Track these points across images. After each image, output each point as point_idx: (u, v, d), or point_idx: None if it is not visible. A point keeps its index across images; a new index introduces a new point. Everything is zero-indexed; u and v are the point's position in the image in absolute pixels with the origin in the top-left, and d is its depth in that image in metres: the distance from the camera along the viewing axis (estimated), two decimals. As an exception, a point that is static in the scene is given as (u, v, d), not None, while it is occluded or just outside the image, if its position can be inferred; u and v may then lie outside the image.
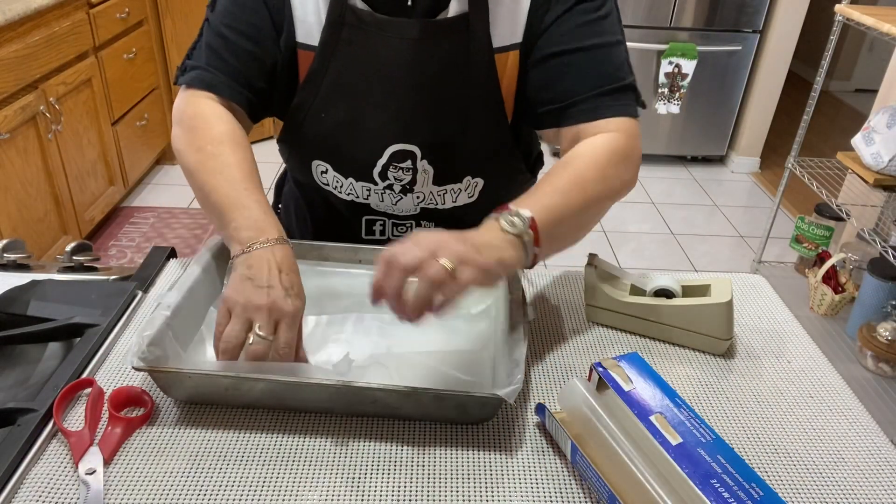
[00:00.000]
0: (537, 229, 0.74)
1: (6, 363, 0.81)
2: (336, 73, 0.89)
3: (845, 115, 4.71)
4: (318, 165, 0.96)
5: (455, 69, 0.88)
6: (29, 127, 2.21)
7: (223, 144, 0.83)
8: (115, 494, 0.62)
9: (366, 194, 0.97)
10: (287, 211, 1.15)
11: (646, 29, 3.38)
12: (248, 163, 0.83)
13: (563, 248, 0.82)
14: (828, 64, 2.30)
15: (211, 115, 0.86)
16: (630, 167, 0.87)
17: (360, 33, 0.86)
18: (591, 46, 0.86)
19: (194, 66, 0.89)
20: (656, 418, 0.62)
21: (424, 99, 0.89)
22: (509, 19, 0.87)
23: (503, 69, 0.90)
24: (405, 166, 0.93)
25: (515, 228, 0.71)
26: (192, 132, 0.85)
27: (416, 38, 0.85)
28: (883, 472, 0.69)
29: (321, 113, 0.91)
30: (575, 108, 0.87)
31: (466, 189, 0.98)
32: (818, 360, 0.85)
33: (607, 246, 3.00)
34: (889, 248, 1.97)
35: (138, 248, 2.77)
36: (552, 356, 0.83)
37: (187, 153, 0.85)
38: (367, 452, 0.68)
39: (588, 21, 0.86)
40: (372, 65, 0.88)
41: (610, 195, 0.85)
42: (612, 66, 0.87)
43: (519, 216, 0.72)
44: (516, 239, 0.72)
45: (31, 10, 2.13)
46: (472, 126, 0.92)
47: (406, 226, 1.02)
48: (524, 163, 1.04)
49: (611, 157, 0.84)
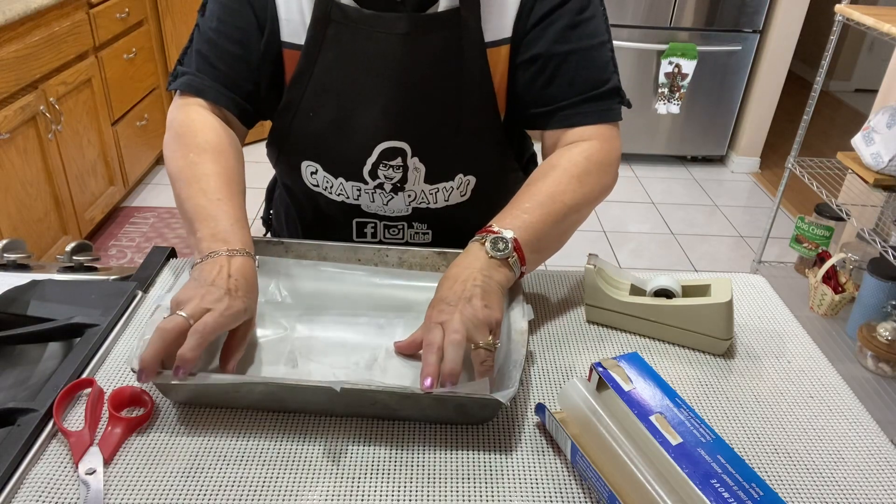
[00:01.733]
0: (521, 249, 0.79)
1: (6, 363, 0.81)
2: (323, 71, 0.88)
3: (845, 115, 4.71)
4: (308, 166, 0.96)
5: (447, 64, 0.88)
6: (29, 127, 2.21)
7: (205, 153, 0.83)
8: (115, 494, 0.62)
9: (356, 194, 0.97)
10: (278, 217, 1.14)
11: (646, 29, 3.37)
12: (229, 172, 0.83)
13: (547, 258, 0.86)
14: (828, 64, 2.31)
15: (198, 122, 0.86)
16: (608, 172, 0.89)
17: (347, 30, 0.86)
18: (576, 50, 0.87)
19: (185, 71, 0.90)
20: (656, 418, 0.62)
21: (415, 95, 0.89)
22: (499, 13, 0.88)
23: (495, 64, 0.90)
24: (395, 164, 0.93)
25: (501, 253, 0.77)
26: (178, 140, 0.86)
27: (406, 32, 0.85)
28: (883, 472, 0.69)
29: (309, 112, 0.91)
30: (558, 114, 0.90)
31: (459, 187, 0.98)
32: (818, 360, 0.85)
33: (607, 246, 3.00)
34: (889, 248, 1.97)
35: (138, 248, 2.77)
36: (552, 356, 0.83)
37: (171, 161, 0.85)
38: (367, 453, 0.68)
39: (574, 23, 0.87)
40: (360, 61, 0.87)
41: (589, 202, 0.88)
42: (596, 70, 0.89)
43: (503, 240, 0.78)
44: (503, 262, 0.78)
45: (31, 10, 2.13)
46: (465, 122, 0.92)
47: (398, 227, 1.01)
48: (517, 161, 1.04)
49: (588, 166, 0.86)
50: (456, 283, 0.75)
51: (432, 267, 0.91)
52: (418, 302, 0.87)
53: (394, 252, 0.91)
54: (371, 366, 0.78)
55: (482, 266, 0.77)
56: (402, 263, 0.91)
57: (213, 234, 0.76)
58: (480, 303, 0.73)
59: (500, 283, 0.77)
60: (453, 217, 1.00)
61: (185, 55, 0.91)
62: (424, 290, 0.85)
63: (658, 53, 3.41)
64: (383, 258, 0.91)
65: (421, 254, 0.91)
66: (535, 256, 0.82)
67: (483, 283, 0.75)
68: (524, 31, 0.88)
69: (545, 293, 0.95)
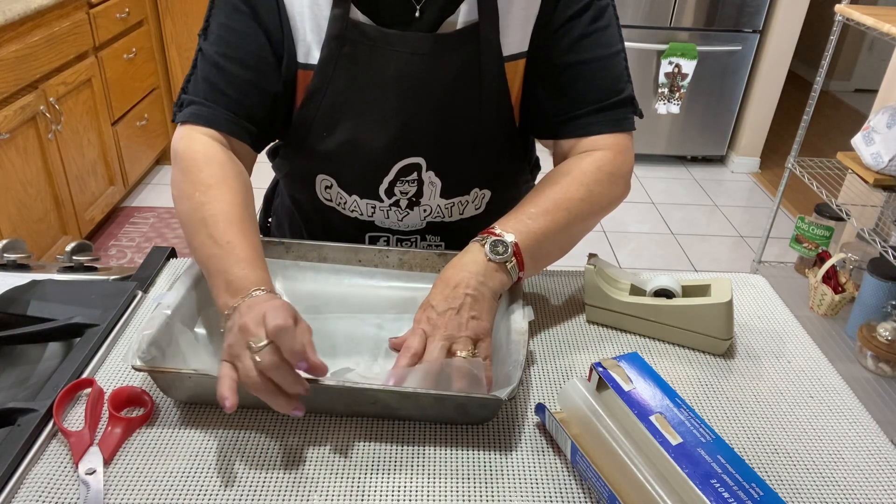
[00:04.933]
0: (521, 254, 0.78)
1: (6, 363, 0.81)
2: (337, 90, 0.85)
3: (845, 115, 4.71)
4: (323, 180, 0.94)
5: (465, 80, 0.86)
6: (29, 127, 2.21)
7: (211, 189, 0.78)
8: (115, 494, 0.62)
9: (371, 211, 0.95)
10: (279, 226, 1.11)
11: (646, 29, 3.37)
12: (237, 208, 0.78)
13: (548, 265, 0.86)
14: (828, 64, 2.30)
15: (202, 155, 0.81)
16: (618, 183, 0.88)
17: (363, 48, 0.83)
18: (592, 59, 0.86)
19: (191, 100, 0.85)
20: (656, 418, 0.62)
21: (433, 112, 0.87)
22: (519, 27, 0.86)
23: (513, 78, 0.88)
24: (410, 178, 0.91)
25: (500, 257, 0.77)
26: (184, 175, 0.81)
27: (427, 52, 0.83)
28: (883, 472, 0.69)
29: (323, 132, 0.88)
30: (572, 124, 0.89)
31: (474, 201, 0.97)
32: (818, 360, 0.85)
33: (607, 246, 3.00)
34: (889, 248, 1.97)
35: (138, 248, 2.77)
36: (552, 356, 0.83)
37: (179, 202, 0.80)
38: (368, 453, 0.68)
39: (590, 32, 0.86)
40: (375, 80, 0.85)
41: (596, 212, 0.87)
42: (611, 79, 0.88)
43: (503, 243, 0.78)
44: (500, 266, 0.78)
45: (31, 10, 2.13)
46: (483, 136, 0.90)
47: (411, 240, 1.00)
48: (529, 172, 1.03)
49: (598, 176, 0.85)
50: (447, 288, 0.76)
51: (432, 268, 0.91)
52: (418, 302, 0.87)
53: (394, 253, 0.91)
54: (371, 366, 0.78)
55: (478, 270, 0.77)
56: (402, 265, 0.91)
57: (227, 286, 0.71)
58: (468, 314, 0.74)
59: (494, 289, 0.77)
60: (467, 229, 0.97)
61: (190, 83, 0.86)
62: (424, 292, 0.85)
63: (658, 53, 3.41)
64: (384, 259, 0.91)
65: (421, 255, 0.91)
66: (535, 263, 0.82)
67: (475, 291, 0.75)
68: (542, 39, 0.87)
69: (545, 293, 0.95)
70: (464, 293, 0.75)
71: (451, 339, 0.73)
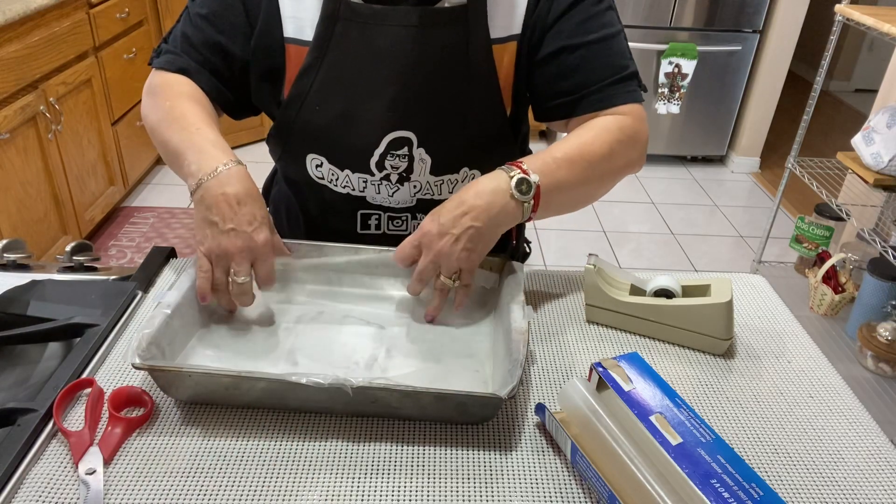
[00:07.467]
0: (539, 199, 0.82)
1: (6, 363, 0.81)
2: (331, 65, 0.90)
3: (845, 115, 4.71)
4: (313, 159, 0.96)
5: (453, 59, 0.90)
6: (29, 127, 2.21)
7: (181, 97, 0.89)
8: (115, 494, 0.62)
9: (362, 186, 0.97)
10: (277, 213, 1.14)
11: (646, 29, 3.38)
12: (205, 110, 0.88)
13: (554, 215, 0.90)
14: (828, 64, 2.30)
15: (175, 81, 0.91)
16: (637, 147, 0.93)
17: (356, 26, 0.88)
18: (598, 39, 0.91)
19: (168, 50, 0.94)
20: (656, 418, 0.63)
21: (423, 86, 0.90)
22: (507, 12, 0.90)
23: (500, 61, 0.92)
24: (401, 153, 0.94)
25: (522, 196, 0.81)
26: (155, 95, 0.91)
27: (416, 24, 0.87)
28: (883, 472, 0.69)
29: (316, 106, 0.92)
30: (587, 100, 0.92)
31: (464, 181, 0.98)
32: (818, 360, 0.85)
33: (607, 246, 3.00)
34: (889, 248, 1.97)
35: (138, 248, 2.77)
36: (552, 356, 0.83)
37: (150, 115, 0.91)
38: (368, 452, 0.68)
39: (592, 15, 0.91)
40: (368, 55, 0.89)
41: (614, 172, 0.91)
42: (617, 56, 0.92)
43: (528, 182, 0.81)
44: (518, 203, 0.81)
45: (31, 10, 2.13)
46: (471, 116, 0.93)
47: (402, 219, 1.02)
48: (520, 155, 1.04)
49: (620, 136, 0.90)
50: (459, 209, 0.80)
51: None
52: (418, 303, 0.87)
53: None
54: (371, 365, 0.78)
55: (495, 201, 0.80)
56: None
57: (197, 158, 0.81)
58: (462, 245, 0.80)
59: (501, 224, 0.82)
60: None
61: (171, 35, 0.96)
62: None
63: (658, 53, 3.41)
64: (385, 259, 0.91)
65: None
66: (546, 209, 0.85)
67: (482, 225, 0.80)
68: (543, 28, 0.91)
69: (545, 293, 0.95)
70: (469, 223, 0.79)
71: (440, 263, 0.81)
